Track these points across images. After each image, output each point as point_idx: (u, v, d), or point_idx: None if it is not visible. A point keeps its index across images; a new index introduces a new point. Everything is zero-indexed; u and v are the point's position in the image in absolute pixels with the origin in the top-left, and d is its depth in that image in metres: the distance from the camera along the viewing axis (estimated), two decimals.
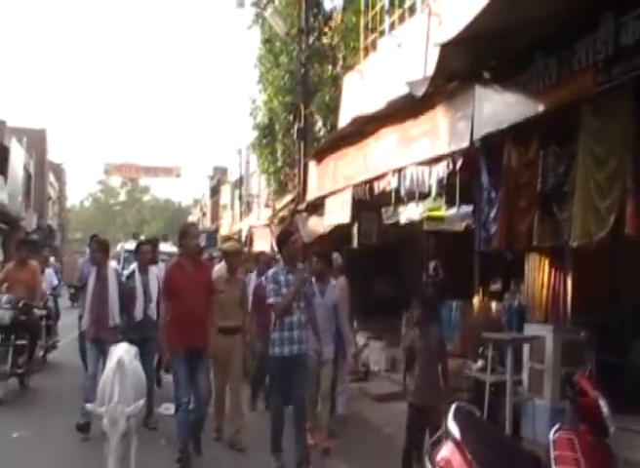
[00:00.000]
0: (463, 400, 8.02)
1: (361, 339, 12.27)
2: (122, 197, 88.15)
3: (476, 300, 10.19)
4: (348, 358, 8.71)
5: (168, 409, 9.28)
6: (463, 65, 7.61)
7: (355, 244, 13.27)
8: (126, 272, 9.39)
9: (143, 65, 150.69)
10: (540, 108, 6.73)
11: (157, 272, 9.01)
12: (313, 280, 7.65)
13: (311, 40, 17.91)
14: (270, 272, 7.13)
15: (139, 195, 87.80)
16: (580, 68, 6.17)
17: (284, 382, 6.95)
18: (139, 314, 8.72)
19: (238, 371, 8.10)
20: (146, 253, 9.02)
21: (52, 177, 50.31)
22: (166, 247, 17.86)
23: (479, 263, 10.37)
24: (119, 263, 15.70)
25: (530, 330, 7.83)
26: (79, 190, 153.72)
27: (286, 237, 7.23)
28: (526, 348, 7.80)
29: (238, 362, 8.06)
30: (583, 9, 5.90)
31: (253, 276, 10.09)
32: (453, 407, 4.59)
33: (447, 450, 4.32)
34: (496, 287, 10.50)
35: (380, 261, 14.16)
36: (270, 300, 6.92)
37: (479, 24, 5.96)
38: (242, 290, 8.21)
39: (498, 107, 7.47)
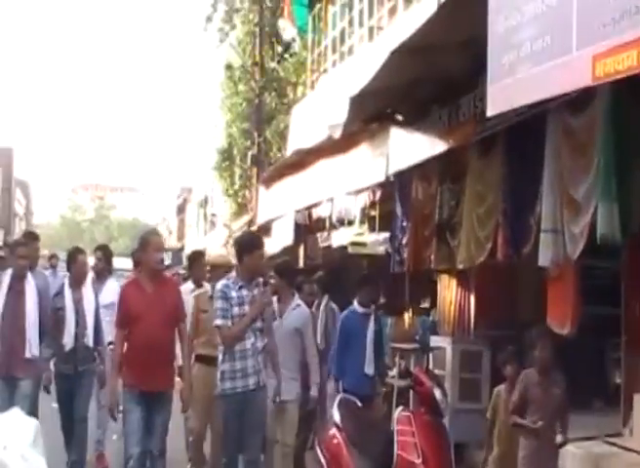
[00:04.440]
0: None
1: None
2: (90, 214, 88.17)
3: (406, 317, 11.31)
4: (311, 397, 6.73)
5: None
6: (377, 110, 8.74)
7: (301, 265, 14.33)
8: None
9: (112, 87, 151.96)
10: (438, 150, 7.89)
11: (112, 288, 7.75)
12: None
13: (272, 66, 19.03)
14: (219, 285, 5.72)
15: (106, 212, 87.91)
16: (464, 119, 7.38)
17: (238, 426, 5.58)
18: (69, 341, 6.90)
19: None
20: (83, 266, 7.22)
21: (19, 194, 50.26)
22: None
23: (409, 283, 11.57)
24: None
25: (434, 341, 8.95)
26: (46, 208, 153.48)
27: (253, 244, 5.83)
28: (432, 357, 8.90)
29: None
30: (467, 72, 7.10)
31: None
32: (337, 399, 5.69)
33: (330, 433, 5.42)
34: (425, 304, 11.68)
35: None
36: (217, 322, 5.56)
37: (378, 82, 7.09)
38: None
39: (408, 147, 8.65)
